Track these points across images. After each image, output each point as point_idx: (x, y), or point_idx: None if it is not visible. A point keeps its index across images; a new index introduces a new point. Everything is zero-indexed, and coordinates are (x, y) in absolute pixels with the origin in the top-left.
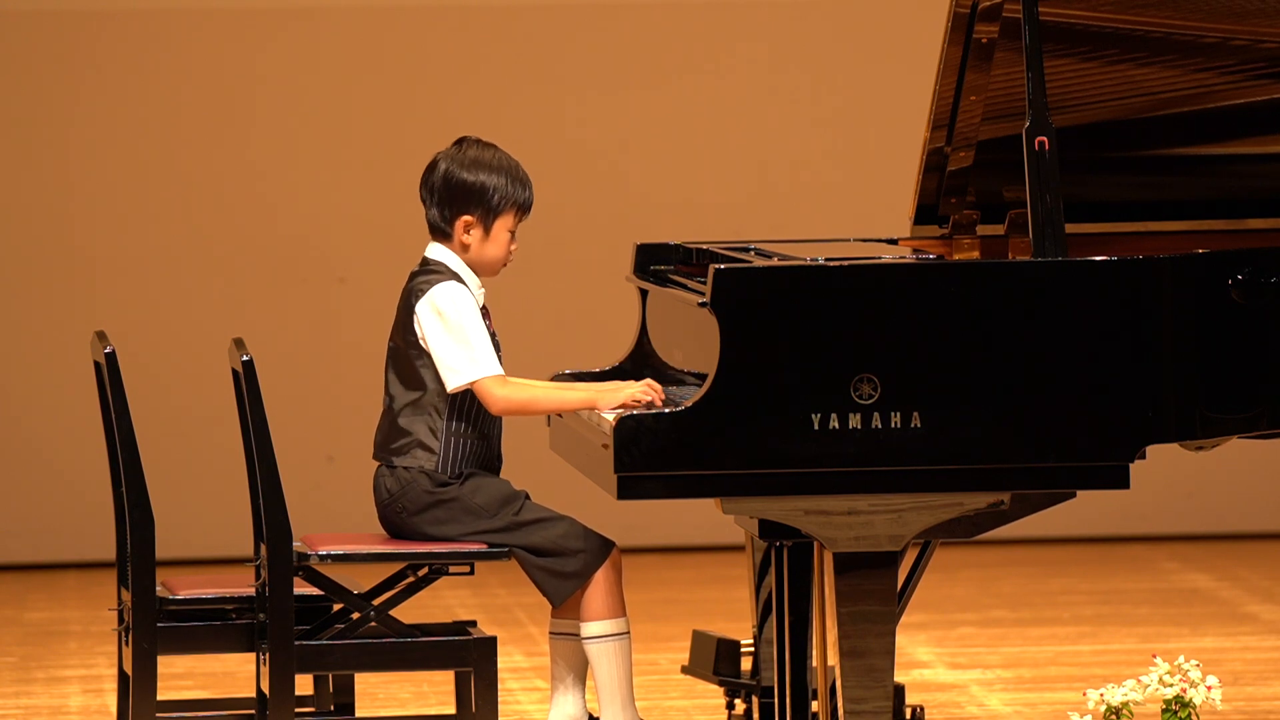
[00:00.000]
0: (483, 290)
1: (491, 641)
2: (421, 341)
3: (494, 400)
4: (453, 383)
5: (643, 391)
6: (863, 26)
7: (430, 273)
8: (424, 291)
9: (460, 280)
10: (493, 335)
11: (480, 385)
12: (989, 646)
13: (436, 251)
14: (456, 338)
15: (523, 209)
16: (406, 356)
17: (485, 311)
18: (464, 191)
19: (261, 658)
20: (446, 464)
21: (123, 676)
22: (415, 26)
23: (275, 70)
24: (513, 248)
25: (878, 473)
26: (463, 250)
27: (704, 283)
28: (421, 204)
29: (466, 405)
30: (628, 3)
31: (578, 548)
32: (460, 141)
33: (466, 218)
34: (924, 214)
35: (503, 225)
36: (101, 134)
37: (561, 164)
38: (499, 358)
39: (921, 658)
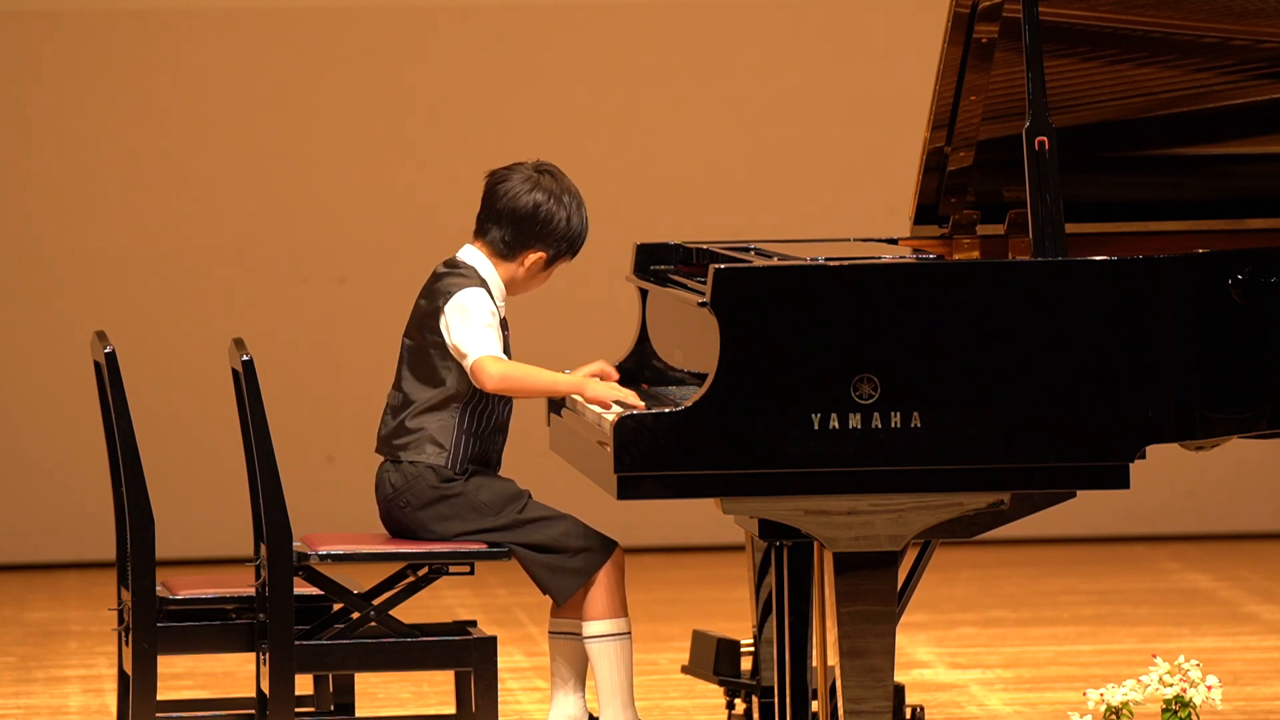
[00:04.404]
0: (504, 302)
1: (491, 641)
2: (447, 341)
3: (487, 376)
4: (466, 364)
5: (632, 397)
6: (863, 26)
7: (460, 275)
8: (451, 294)
9: (486, 287)
10: (507, 347)
11: (476, 362)
12: (989, 646)
13: (471, 255)
14: (469, 327)
15: (574, 256)
16: (428, 355)
17: (504, 324)
18: (550, 228)
19: (261, 658)
20: (454, 461)
21: (123, 676)
22: (415, 26)
23: (275, 70)
24: None
25: (878, 473)
26: (512, 271)
27: (704, 283)
28: (480, 205)
29: (480, 405)
30: (628, 3)
31: (580, 546)
32: (550, 171)
33: (540, 254)
34: (924, 214)
35: (556, 267)
36: (101, 133)
37: (561, 164)
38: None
39: (921, 658)
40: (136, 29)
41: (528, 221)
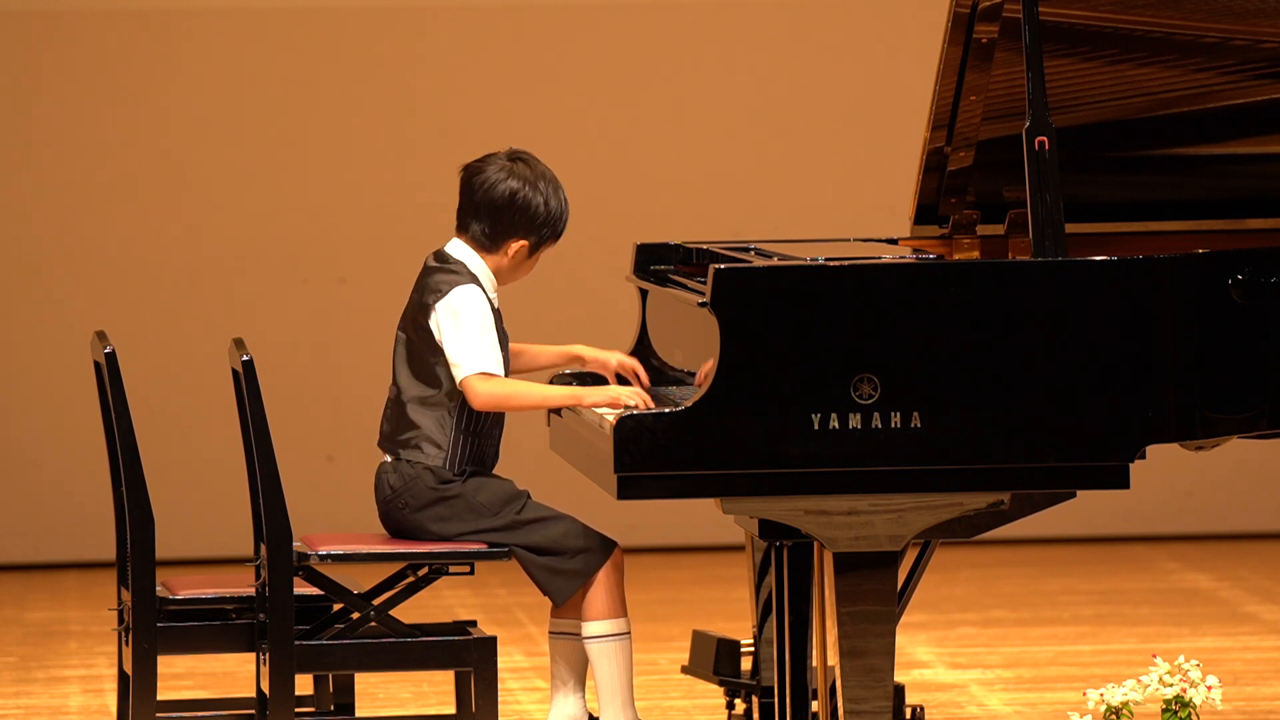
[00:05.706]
0: (496, 293)
1: (491, 641)
2: (438, 341)
3: (475, 395)
4: (457, 377)
5: (630, 395)
6: (863, 26)
7: (450, 271)
8: (444, 292)
9: (478, 282)
10: (504, 336)
11: (465, 380)
12: (989, 646)
13: (459, 249)
14: (462, 335)
15: (558, 240)
16: (419, 352)
17: (498, 314)
18: (528, 216)
19: (261, 658)
20: (451, 461)
21: (123, 676)
22: (415, 26)
23: (275, 70)
24: None
25: (878, 473)
26: (497, 261)
27: (704, 283)
28: (458, 199)
29: None
30: (628, 3)
31: (579, 547)
32: (523, 158)
33: (522, 242)
34: (924, 214)
35: (541, 252)
36: (102, 133)
37: (561, 163)
38: (506, 357)
39: (921, 658)
40: (136, 29)
41: (506, 211)
